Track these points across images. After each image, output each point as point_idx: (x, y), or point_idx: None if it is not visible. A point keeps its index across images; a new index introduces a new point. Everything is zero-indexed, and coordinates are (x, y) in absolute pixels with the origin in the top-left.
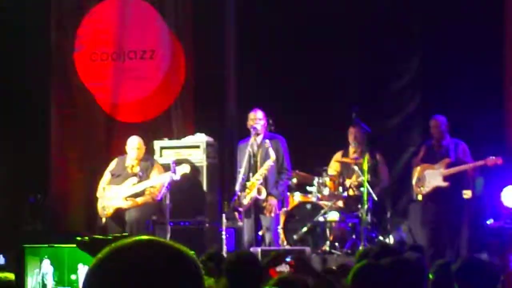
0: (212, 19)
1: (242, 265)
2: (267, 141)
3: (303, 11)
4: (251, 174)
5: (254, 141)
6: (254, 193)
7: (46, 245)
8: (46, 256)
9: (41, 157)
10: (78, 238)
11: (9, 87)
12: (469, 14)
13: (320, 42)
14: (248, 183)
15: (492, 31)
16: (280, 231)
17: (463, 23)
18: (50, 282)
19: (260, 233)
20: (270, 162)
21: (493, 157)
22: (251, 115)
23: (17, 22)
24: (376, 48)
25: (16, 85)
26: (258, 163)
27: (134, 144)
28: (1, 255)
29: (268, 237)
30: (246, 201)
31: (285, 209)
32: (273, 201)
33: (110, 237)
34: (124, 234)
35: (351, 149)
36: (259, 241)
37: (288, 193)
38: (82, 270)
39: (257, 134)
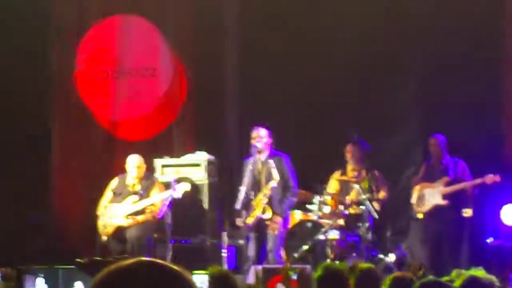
0: (213, 37)
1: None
2: (271, 161)
3: (305, 31)
4: (253, 192)
5: (258, 159)
6: (258, 212)
7: (43, 265)
8: (40, 275)
9: (42, 175)
10: (78, 260)
11: (10, 105)
12: (468, 33)
13: (321, 61)
14: (253, 202)
15: (492, 49)
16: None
17: (462, 41)
18: None
19: (268, 249)
20: (273, 183)
21: (492, 175)
22: (253, 133)
23: (18, 40)
24: (376, 67)
25: (17, 103)
26: (263, 181)
27: (134, 163)
28: None
29: (271, 256)
30: (250, 219)
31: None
32: (277, 219)
33: (110, 259)
34: (123, 255)
35: (349, 167)
36: (262, 259)
37: (289, 211)
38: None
39: (259, 152)
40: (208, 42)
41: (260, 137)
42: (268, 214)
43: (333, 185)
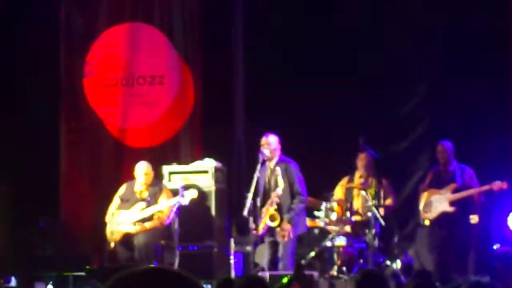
0: (221, 45)
1: None
2: (278, 168)
3: (311, 36)
4: (259, 199)
5: (268, 166)
6: (267, 220)
7: (53, 273)
8: (51, 282)
9: (51, 181)
10: (88, 267)
11: (19, 112)
12: (477, 39)
13: (328, 67)
14: (263, 209)
15: (500, 56)
16: None
17: (471, 47)
18: None
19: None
20: (279, 191)
21: (499, 182)
22: (262, 139)
23: (27, 47)
24: (384, 74)
25: (26, 110)
26: (271, 189)
27: (142, 170)
28: (13, 277)
29: (282, 263)
30: (260, 228)
31: None
32: (286, 226)
33: (119, 266)
34: (132, 262)
35: (357, 174)
36: (275, 265)
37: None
38: None
39: (269, 159)
40: (216, 50)
41: (268, 144)
42: (275, 222)
43: (339, 192)
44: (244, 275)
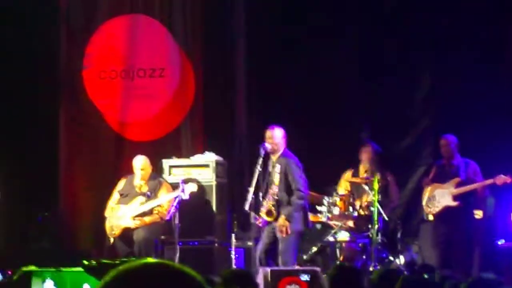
0: (222, 37)
1: (237, 283)
2: (278, 165)
3: (313, 27)
4: (261, 194)
5: (270, 160)
6: (264, 215)
7: (51, 269)
8: (49, 277)
9: (49, 175)
10: (85, 262)
11: (18, 105)
12: (481, 33)
13: (331, 62)
14: (264, 202)
15: (503, 49)
16: None
17: (474, 41)
18: None
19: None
20: (274, 188)
21: (503, 176)
22: (266, 132)
23: (26, 40)
24: (387, 68)
25: (25, 103)
26: (273, 183)
27: (138, 165)
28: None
29: (280, 259)
30: (259, 221)
31: None
32: (282, 221)
33: (117, 261)
34: (130, 257)
35: (362, 168)
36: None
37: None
38: None
39: (270, 153)
40: (217, 42)
41: (272, 137)
42: (272, 217)
43: (344, 186)
44: (229, 268)
